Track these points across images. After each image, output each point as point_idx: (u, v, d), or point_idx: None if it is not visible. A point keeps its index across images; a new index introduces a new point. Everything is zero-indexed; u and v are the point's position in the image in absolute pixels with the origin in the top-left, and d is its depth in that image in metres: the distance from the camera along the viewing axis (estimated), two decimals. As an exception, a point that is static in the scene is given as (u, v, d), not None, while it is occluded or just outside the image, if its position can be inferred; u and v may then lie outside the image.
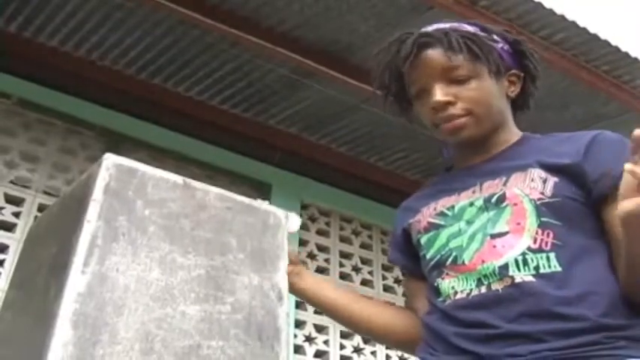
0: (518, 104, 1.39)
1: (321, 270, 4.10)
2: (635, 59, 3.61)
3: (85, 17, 3.28)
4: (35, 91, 3.49)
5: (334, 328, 3.96)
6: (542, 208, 1.20)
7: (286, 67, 3.54)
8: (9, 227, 3.24)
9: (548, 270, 1.15)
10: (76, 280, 0.81)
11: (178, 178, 0.94)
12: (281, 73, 3.59)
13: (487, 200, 1.26)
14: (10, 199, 3.31)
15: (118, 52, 3.51)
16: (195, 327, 0.85)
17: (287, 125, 4.04)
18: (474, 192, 1.30)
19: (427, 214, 1.35)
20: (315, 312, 3.93)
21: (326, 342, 3.91)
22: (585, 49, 3.51)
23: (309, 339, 3.86)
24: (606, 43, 3.48)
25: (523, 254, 1.17)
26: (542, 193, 1.21)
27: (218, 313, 0.87)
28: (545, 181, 1.22)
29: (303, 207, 4.21)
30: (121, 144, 3.65)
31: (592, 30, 3.41)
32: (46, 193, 3.39)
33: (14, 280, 1.09)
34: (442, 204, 1.33)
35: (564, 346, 1.08)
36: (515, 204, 1.22)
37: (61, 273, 0.83)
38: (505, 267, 1.17)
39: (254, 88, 3.73)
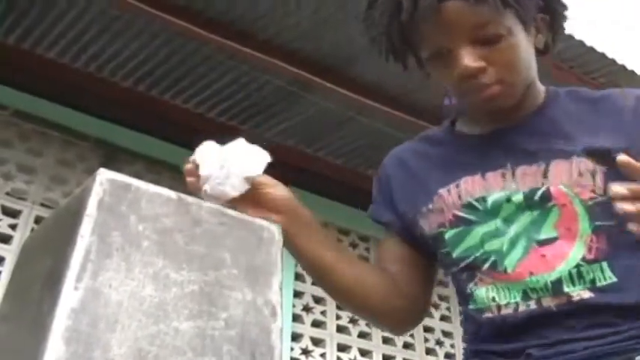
0: (539, 50, 1.19)
1: (318, 282, 4.09)
2: (632, 72, 3.63)
3: (83, 29, 3.28)
4: (33, 103, 3.50)
5: (331, 341, 3.95)
6: (595, 209, 1.07)
7: (283, 79, 3.54)
8: (5, 239, 3.24)
9: (604, 282, 1.06)
10: (69, 296, 0.81)
11: (172, 193, 0.94)
12: (278, 85, 3.60)
13: (528, 197, 1.10)
14: (7, 211, 3.30)
15: (116, 64, 3.51)
16: (189, 343, 0.85)
17: (284, 137, 4.05)
18: (503, 176, 1.13)
19: (450, 203, 1.16)
20: (313, 325, 3.92)
21: (323, 355, 3.90)
22: (582, 61, 3.52)
23: (305, 352, 3.84)
24: (603, 56, 3.49)
25: (577, 266, 1.07)
26: (592, 191, 1.08)
27: (211, 330, 0.87)
28: (593, 175, 1.08)
29: (301, 219, 4.20)
30: (118, 156, 3.65)
31: (588, 43, 3.42)
32: (42, 205, 3.39)
33: (8, 293, 1.08)
34: (467, 190, 1.15)
35: (616, 340, 1.05)
36: (563, 204, 1.09)
37: (54, 288, 0.83)
38: (559, 282, 1.07)
39: (251, 100, 3.73)
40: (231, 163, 1.04)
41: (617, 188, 0.90)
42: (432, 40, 1.10)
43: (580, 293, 1.06)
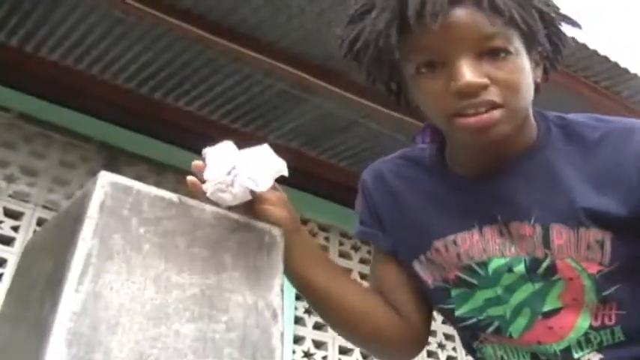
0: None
1: (320, 285, 4.09)
2: (635, 75, 3.63)
3: (86, 31, 3.29)
4: (35, 105, 3.50)
5: (333, 344, 3.94)
6: (602, 280, 1.02)
7: (286, 82, 3.54)
8: (7, 241, 3.24)
9: (611, 342, 1.04)
10: (71, 299, 0.81)
11: (174, 196, 0.94)
12: (281, 88, 3.60)
13: (531, 270, 1.04)
14: (9, 213, 3.31)
15: (119, 66, 3.51)
16: (190, 346, 0.85)
17: (287, 140, 4.05)
18: (501, 233, 1.06)
19: (450, 263, 1.10)
20: (314, 328, 3.92)
21: (324, 358, 3.89)
22: (585, 64, 3.52)
23: (307, 355, 3.84)
24: (605, 59, 3.49)
25: (585, 334, 1.04)
26: (600, 264, 1.01)
27: (212, 332, 0.87)
28: (602, 245, 1.00)
29: (303, 222, 4.18)
30: (120, 158, 3.65)
31: (591, 46, 3.42)
32: (45, 207, 3.39)
33: (10, 295, 1.08)
34: (466, 252, 1.09)
35: None
36: (570, 279, 1.02)
37: (55, 291, 0.83)
38: (567, 350, 1.05)
39: (254, 102, 3.74)
40: (240, 170, 0.98)
41: None
42: (429, 48, 0.95)
43: (589, 357, 1.04)
